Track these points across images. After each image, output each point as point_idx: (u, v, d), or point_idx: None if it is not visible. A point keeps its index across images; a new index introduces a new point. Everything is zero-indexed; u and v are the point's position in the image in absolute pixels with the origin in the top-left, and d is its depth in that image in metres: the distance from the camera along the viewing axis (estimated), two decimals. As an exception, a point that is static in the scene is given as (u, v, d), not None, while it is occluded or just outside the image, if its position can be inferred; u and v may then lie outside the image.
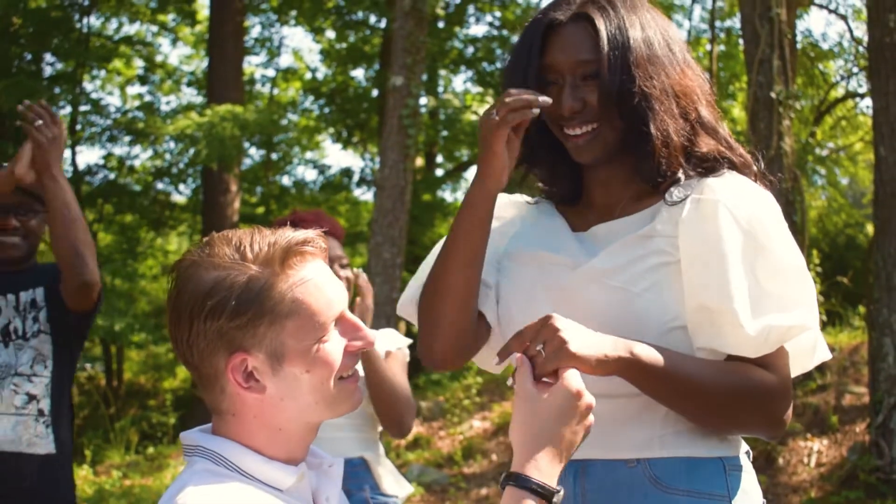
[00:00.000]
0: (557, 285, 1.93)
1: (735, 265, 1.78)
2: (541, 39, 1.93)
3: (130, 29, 20.07)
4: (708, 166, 1.93)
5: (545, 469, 1.52)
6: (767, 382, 1.78)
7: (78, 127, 17.01)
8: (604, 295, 1.86)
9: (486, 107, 1.99)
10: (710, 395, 1.75)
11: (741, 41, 9.82)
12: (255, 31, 20.89)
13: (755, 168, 1.99)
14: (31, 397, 3.29)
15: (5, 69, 14.36)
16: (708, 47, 17.02)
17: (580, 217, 2.05)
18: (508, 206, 2.18)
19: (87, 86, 19.32)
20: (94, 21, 18.44)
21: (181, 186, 18.47)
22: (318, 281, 1.58)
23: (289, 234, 1.58)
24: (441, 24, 18.20)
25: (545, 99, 1.85)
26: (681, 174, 1.91)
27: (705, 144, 1.94)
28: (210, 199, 14.94)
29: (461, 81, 26.75)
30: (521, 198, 2.21)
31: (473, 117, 18.41)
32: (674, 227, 1.86)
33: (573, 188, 2.09)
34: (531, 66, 1.93)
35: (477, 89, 19.93)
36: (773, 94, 8.67)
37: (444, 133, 18.94)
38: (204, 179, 15.65)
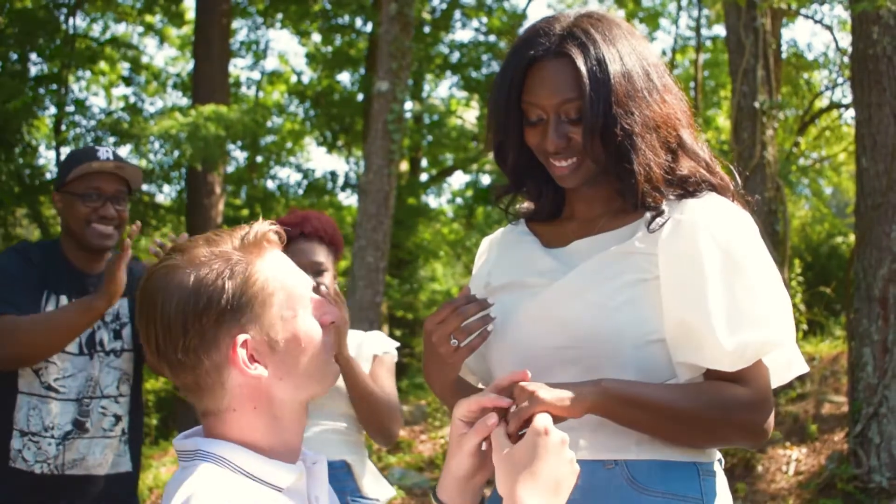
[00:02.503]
0: (533, 304, 1.97)
1: (713, 283, 1.83)
2: (522, 75, 1.95)
3: (117, 30, 20.02)
4: (689, 188, 1.97)
5: None
6: (739, 397, 1.84)
7: (62, 128, 16.93)
8: (581, 309, 1.90)
9: (434, 314, 1.94)
10: (683, 417, 1.82)
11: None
12: (242, 34, 20.87)
13: (733, 189, 2.03)
14: (117, 418, 3.32)
15: (-10, 70, 14.31)
16: (693, 55, 17.07)
17: (560, 231, 2.09)
18: (489, 242, 2.26)
19: (73, 87, 19.24)
20: (79, 22, 18.39)
21: (165, 188, 18.44)
22: (289, 260, 1.70)
23: (255, 225, 1.66)
24: (427, 29, 18.21)
25: (492, 319, 1.91)
26: (664, 205, 1.94)
27: (686, 167, 1.97)
28: (194, 200, 14.88)
29: (446, 86, 26.80)
30: (499, 230, 2.27)
31: (458, 122, 18.43)
32: (653, 245, 1.91)
33: (558, 203, 2.14)
34: (512, 102, 1.97)
35: (462, 94, 19.96)
36: (756, 104, 8.71)
37: (429, 138, 18.96)
38: (188, 181, 15.60)
